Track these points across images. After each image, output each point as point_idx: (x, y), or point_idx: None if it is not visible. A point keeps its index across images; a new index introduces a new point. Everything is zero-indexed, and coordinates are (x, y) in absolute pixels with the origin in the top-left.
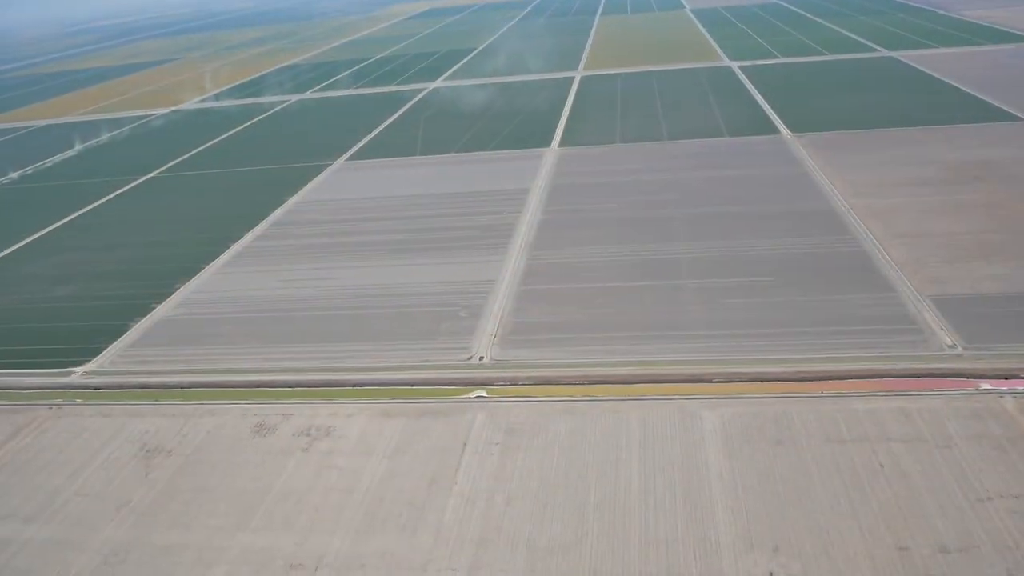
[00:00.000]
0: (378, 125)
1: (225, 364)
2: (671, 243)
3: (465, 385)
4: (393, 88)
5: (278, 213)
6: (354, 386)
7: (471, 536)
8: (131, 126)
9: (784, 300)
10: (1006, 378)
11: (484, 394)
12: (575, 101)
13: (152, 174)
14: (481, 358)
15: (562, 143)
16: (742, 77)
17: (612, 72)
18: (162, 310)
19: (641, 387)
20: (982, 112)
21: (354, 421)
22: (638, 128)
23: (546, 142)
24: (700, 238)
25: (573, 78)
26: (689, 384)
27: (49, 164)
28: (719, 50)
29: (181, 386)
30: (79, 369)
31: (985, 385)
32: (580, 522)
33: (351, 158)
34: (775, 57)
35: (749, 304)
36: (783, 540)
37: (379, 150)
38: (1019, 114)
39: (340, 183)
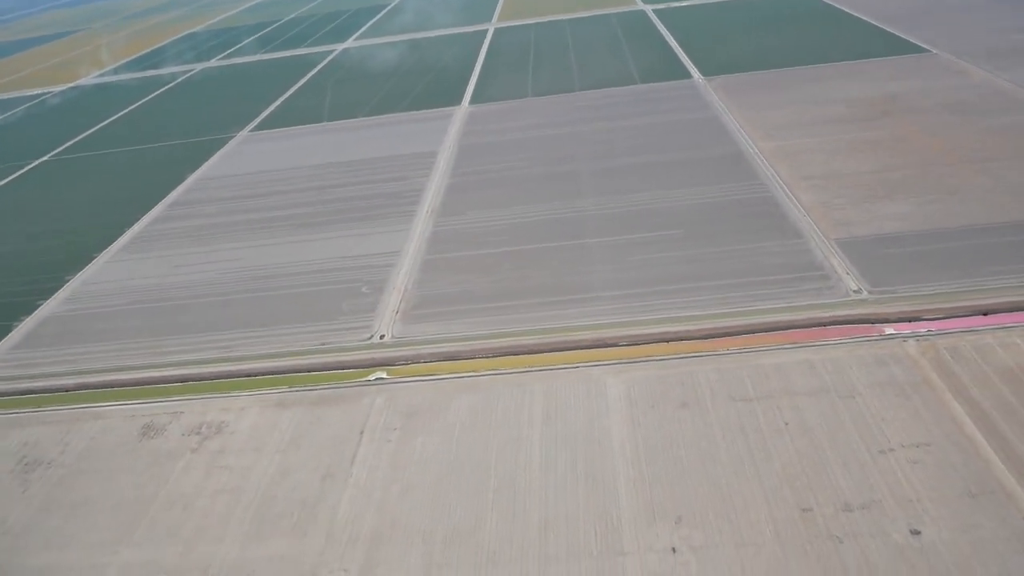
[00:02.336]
0: (285, 91)
1: (114, 362)
2: (580, 199)
3: (365, 367)
4: (301, 51)
5: (177, 192)
6: (249, 376)
7: (365, 532)
8: (25, 106)
9: (691, 253)
10: (909, 320)
11: (384, 375)
12: (487, 55)
13: (44, 158)
14: (382, 336)
15: (473, 100)
16: (655, 20)
17: (526, 23)
18: (48, 307)
19: (546, 356)
20: (890, 45)
21: (247, 414)
22: (550, 80)
23: (457, 100)
24: (609, 192)
25: (487, 30)
26: (595, 349)
27: None
28: None
29: (66, 389)
30: None
31: (889, 329)
32: (479, 507)
33: (255, 128)
34: None
35: (656, 260)
36: (686, 510)
37: (285, 118)
38: (925, 46)
39: (243, 156)
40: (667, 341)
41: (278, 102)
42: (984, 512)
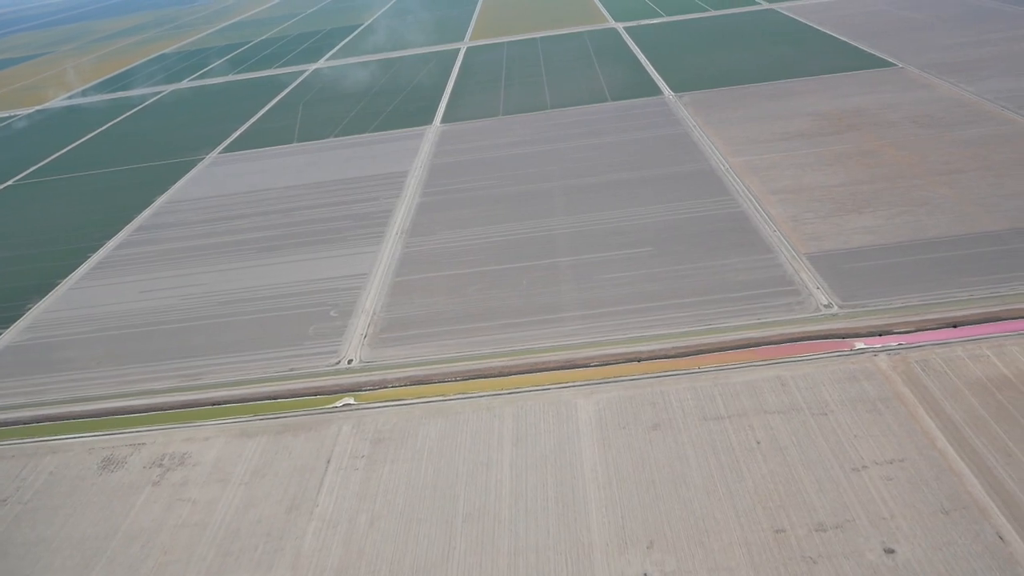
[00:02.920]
0: (255, 113)
1: (74, 392)
2: (551, 218)
3: (332, 393)
4: (273, 72)
5: (144, 216)
6: (213, 404)
7: (331, 565)
8: None
9: (662, 271)
10: (880, 335)
11: (352, 401)
12: (460, 74)
13: (8, 183)
14: (350, 361)
15: (444, 119)
16: (627, 38)
17: (498, 41)
18: (8, 336)
19: (516, 379)
20: (857, 60)
21: (211, 445)
22: (522, 98)
23: (428, 119)
24: (580, 211)
25: (459, 49)
26: (565, 371)
27: None
28: (605, 12)
29: (24, 422)
30: None
31: (860, 344)
32: (447, 537)
33: (225, 150)
34: (660, 16)
35: (627, 278)
36: (658, 535)
37: (255, 140)
38: (891, 59)
39: (212, 178)
40: (638, 360)
41: (248, 123)
42: (957, 528)
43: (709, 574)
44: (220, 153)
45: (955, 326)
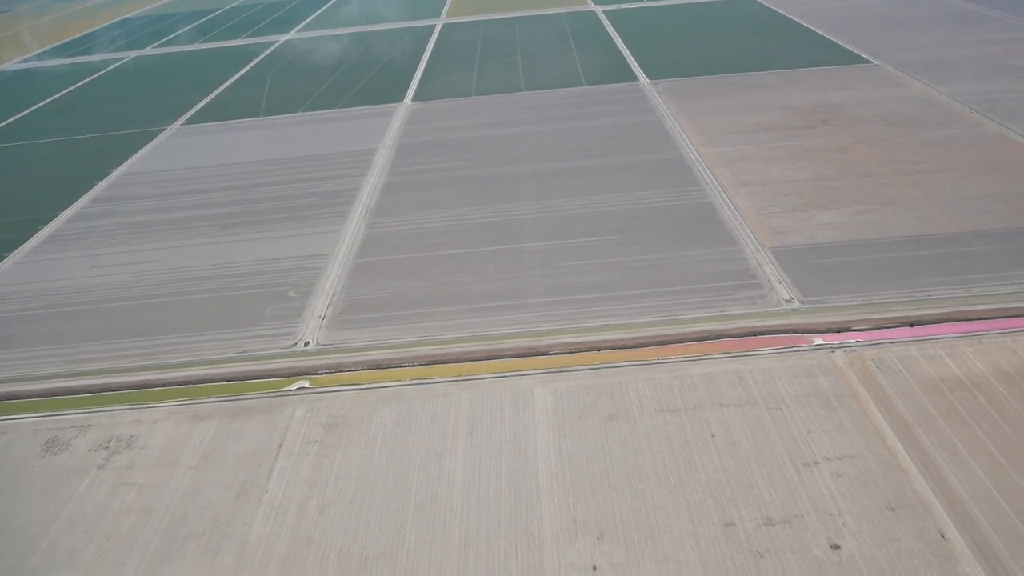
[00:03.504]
0: (221, 83)
1: (19, 371)
2: (518, 202)
3: (287, 376)
4: (241, 42)
5: (99, 188)
6: (163, 386)
7: (279, 552)
8: None
9: (627, 260)
10: (839, 331)
11: (306, 385)
12: (434, 51)
13: None
14: (306, 344)
15: (416, 97)
16: (605, 22)
17: (475, 19)
18: None
19: (474, 365)
20: (834, 55)
21: (160, 428)
22: (496, 79)
23: (399, 97)
24: (548, 196)
25: (435, 26)
26: (525, 358)
27: None
28: None
29: None
30: None
31: (818, 340)
32: (398, 526)
33: (188, 122)
34: (640, 1)
35: (591, 266)
36: (609, 526)
37: (220, 112)
38: (867, 56)
39: (173, 150)
40: (598, 350)
41: (213, 94)
42: (902, 525)
43: (658, 566)
44: (183, 124)
45: (912, 325)
